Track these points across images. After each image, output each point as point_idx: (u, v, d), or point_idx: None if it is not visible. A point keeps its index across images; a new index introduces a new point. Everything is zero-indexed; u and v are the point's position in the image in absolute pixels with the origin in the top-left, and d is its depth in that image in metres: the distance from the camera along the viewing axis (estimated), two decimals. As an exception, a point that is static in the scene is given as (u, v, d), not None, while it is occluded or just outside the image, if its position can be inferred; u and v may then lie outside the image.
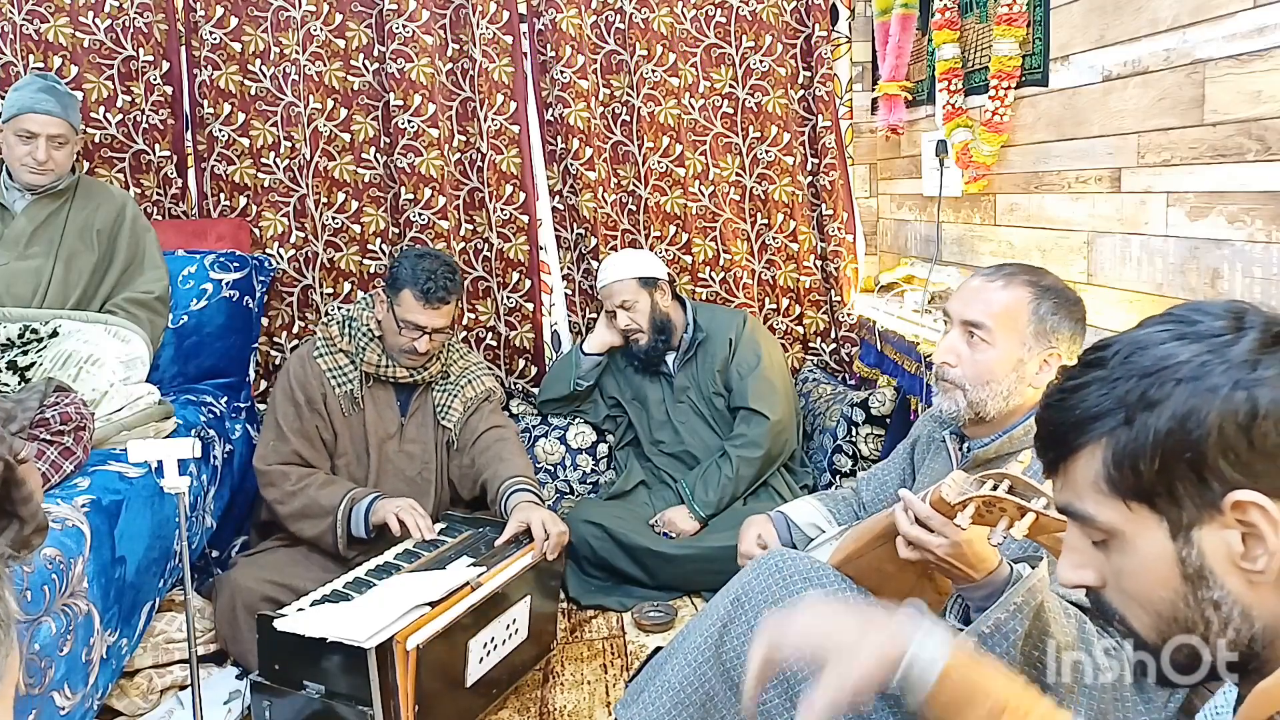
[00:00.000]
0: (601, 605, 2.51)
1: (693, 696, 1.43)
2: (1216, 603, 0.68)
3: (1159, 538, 0.69)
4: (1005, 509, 1.15)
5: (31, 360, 2.15)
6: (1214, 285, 1.76)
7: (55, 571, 1.58)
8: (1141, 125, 1.93)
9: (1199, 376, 0.67)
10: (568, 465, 2.99)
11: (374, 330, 2.39)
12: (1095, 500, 0.71)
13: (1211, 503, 0.66)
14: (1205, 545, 0.67)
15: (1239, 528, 0.66)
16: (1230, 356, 0.67)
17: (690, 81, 3.18)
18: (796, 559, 1.48)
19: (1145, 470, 0.68)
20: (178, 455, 1.75)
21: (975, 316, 1.51)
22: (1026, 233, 2.41)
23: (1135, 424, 0.68)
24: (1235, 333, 0.68)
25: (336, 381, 2.38)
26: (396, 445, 2.44)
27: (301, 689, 1.75)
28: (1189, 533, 0.68)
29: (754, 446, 2.71)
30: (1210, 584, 0.68)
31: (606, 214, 3.15)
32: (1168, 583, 0.69)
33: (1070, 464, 0.73)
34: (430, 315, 2.29)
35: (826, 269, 3.31)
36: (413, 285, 2.28)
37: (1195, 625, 0.69)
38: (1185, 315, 0.71)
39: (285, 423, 2.34)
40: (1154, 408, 0.67)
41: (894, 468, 1.85)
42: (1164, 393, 0.67)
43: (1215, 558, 0.67)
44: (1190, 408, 0.66)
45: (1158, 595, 0.70)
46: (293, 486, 2.27)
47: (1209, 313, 0.70)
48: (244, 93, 2.94)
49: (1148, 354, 0.69)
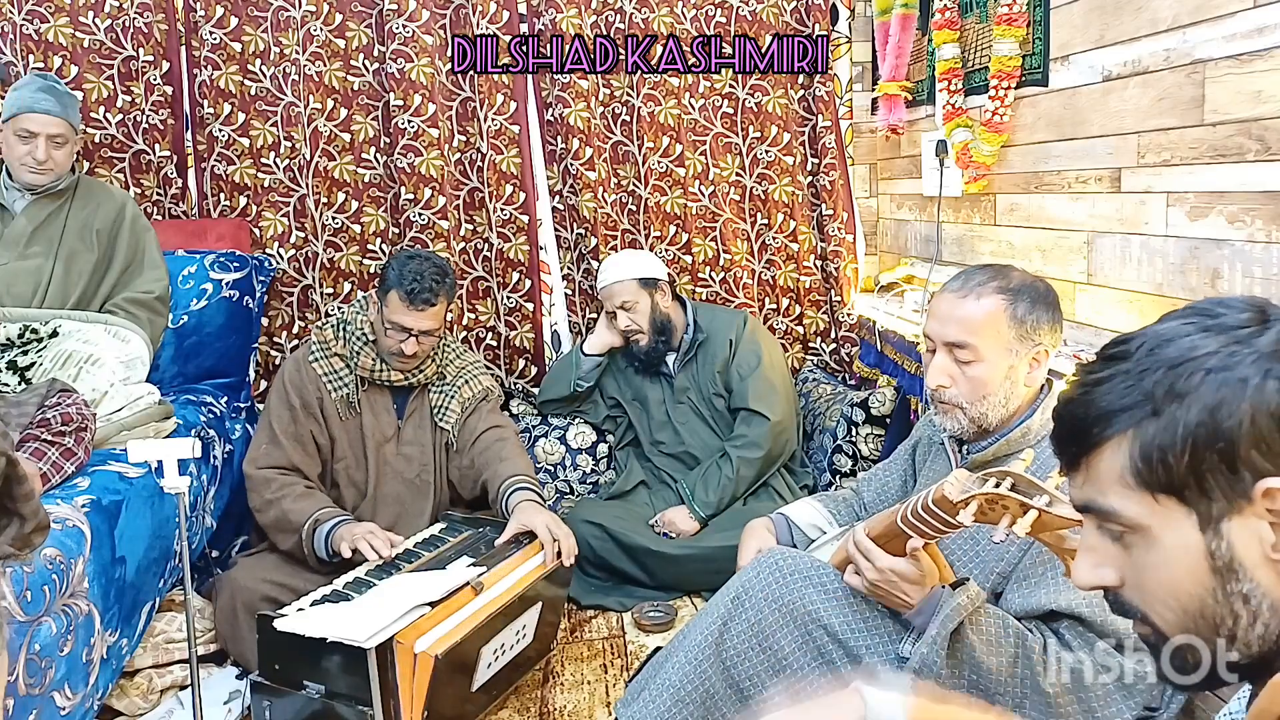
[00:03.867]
0: (601, 605, 2.52)
1: (693, 695, 1.43)
2: (1246, 596, 0.67)
3: (1187, 531, 0.68)
4: (1008, 507, 1.15)
5: (31, 360, 2.15)
6: (1214, 285, 1.76)
7: (56, 571, 1.58)
8: (1141, 125, 1.93)
9: (1228, 367, 0.66)
10: (568, 465, 2.99)
11: (368, 334, 2.37)
12: (1121, 495, 0.70)
13: (1242, 493, 0.66)
14: (1235, 537, 0.67)
15: (1269, 517, 0.66)
16: (1258, 346, 0.67)
17: (690, 81, 3.18)
18: (796, 558, 1.48)
19: (1175, 462, 0.67)
20: (178, 455, 1.74)
21: (956, 337, 1.50)
22: (1026, 233, 2.41)
23: (1164, 416, 0.67)
24: (1260, 325, 0.68)
25: (332, 385, 2.36)
26: (395, 448, 2.43)
27: (301, 689, 1.75)
28: (1218, 525, 0.67)
29: (754, 447, 2.71)
30: (1240, 577, 0.67)
31: (606, 214, 3.15)
32: (1196, 577, 0.68)
33: (1094, 459, 0.72)
34: (416, 317, 2.27)
35: (826, 269, 3.32)
36: (399, 287, 2.26)
37: (1224, 620, 0.68)
38: (1208, 309, 0.71)
39: (279, 426, 2.32)
40: (1183, 399, 0.67)
41: (896, 469, 1.85)
42: (1192, 384, 0.67)
43: (1245, 550, 0.67)
44: (1221, 398, 0.65)
45: (1185, 590, 0.69)
46: (271, 495, 2.24)
47: (1232, 306, 0.70)
48: (244, 93, 2.94)
49: (1173, 346, 0.69)
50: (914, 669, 1.30)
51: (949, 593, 1.34)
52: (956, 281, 1.55)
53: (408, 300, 2.25)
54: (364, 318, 2.39)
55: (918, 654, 1.31)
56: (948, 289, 1.56)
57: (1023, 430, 1.50)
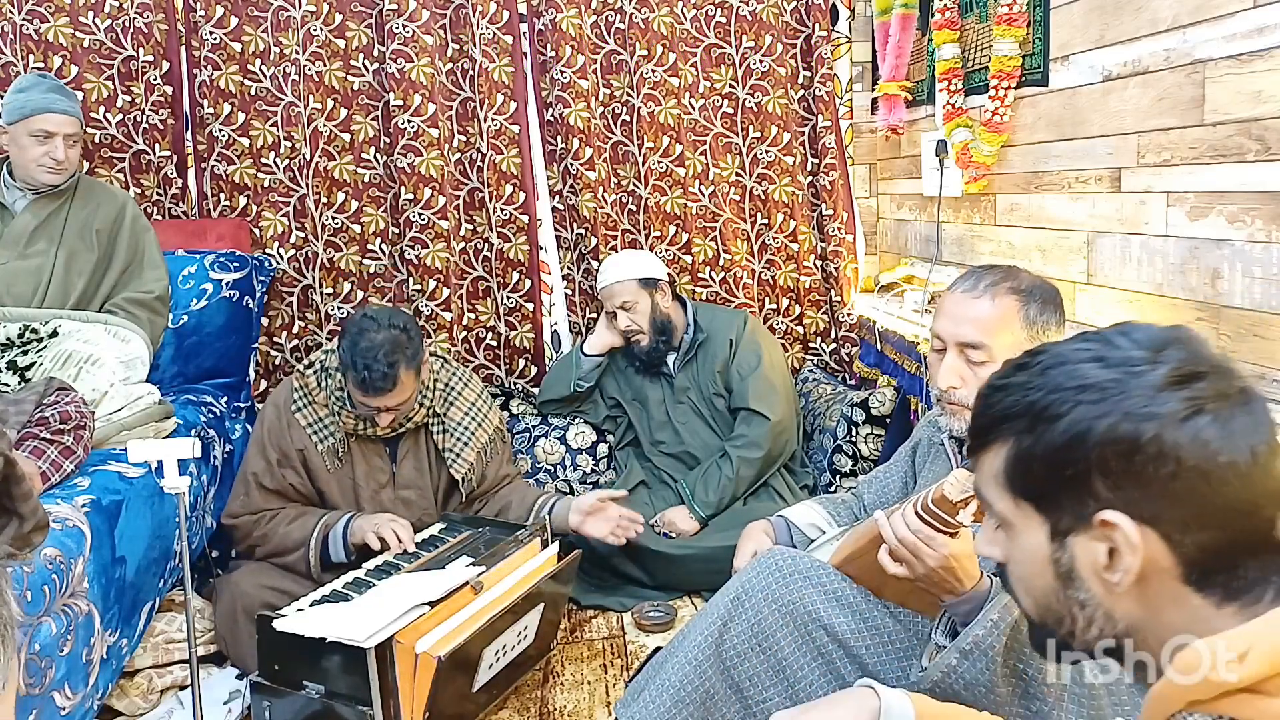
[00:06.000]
0: (601, 605, 2.51)
1: (693, 695, 1.43)
2: (1082, 602, 0.74)
3: (1039, 536, 0.76)
4: None
5: (31, 360, 2.15)
6: (1214, 285, 1.76)
7: (55, 571, 1.58)
8: (1141, 125, 1.93)
9: (1100, 400, 0.71)
10: (568, 465, 2.99)
11: (346, 395, 2.22)
12: (995, 491, 0.79)
13: (1085, 516, 0.72)
14: (1077, 551, 0.73)
15: (1106, 542, 0.71)
16: (1132, 388, 0.71)
17: (690, 81, 3.18)
18: (796, 558, 1.48)
19: (1035, 475, 0.75)
20: (178, 455, 1.74)
21: (971, 337, 1.49)
22: (1026, 233, 2.41)
23: (1036, 432, 0.74)
24: (1149, 365, 0.72)
25: (318, 437, 2.24)
26: (391, 494, 2.31)
27: (301, 689, 1.75)
28: (1065, 538, 0.74)
29: (754, 447, 2.71)
30: (1077, 586, 0.74)
31: (606, 214, 3.15)
32: (1043, 577, 0.76)
33: (982, 455, 0.80)
34: (376, 400, 2.12)
35: (826, 269, 3.31)
36: (352, 372, 2.10)
37: (1063, 619, 0.76)
38: (1111, 338, 0.76)
39: (256, 478, 2.23)
40: (1054, 421, 0.73)
41: (896, 471, 1.85)
42: (1065, 409, 0.73)
43: (1083, 564, 0.73)
44: (1082, 429, 0.71)
45: (1035, 585, 0.78)
46: (261, 531, 2.19)
47: (1135, 340, 0.74)
48: (244, 93, 2.95)
49: (1063, 370, 0.75)
50: (962, 650, 1.23)
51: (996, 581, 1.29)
52: (967, 281, 1.54)
53: (360, 389, 2.10)
54: (341, 377, 2.21)
55: (970, 635, 1.24)
56: (959, 288, 1.54)
57: None
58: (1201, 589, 0.70)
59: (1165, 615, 0.71)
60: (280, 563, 2.21)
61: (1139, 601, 0.72)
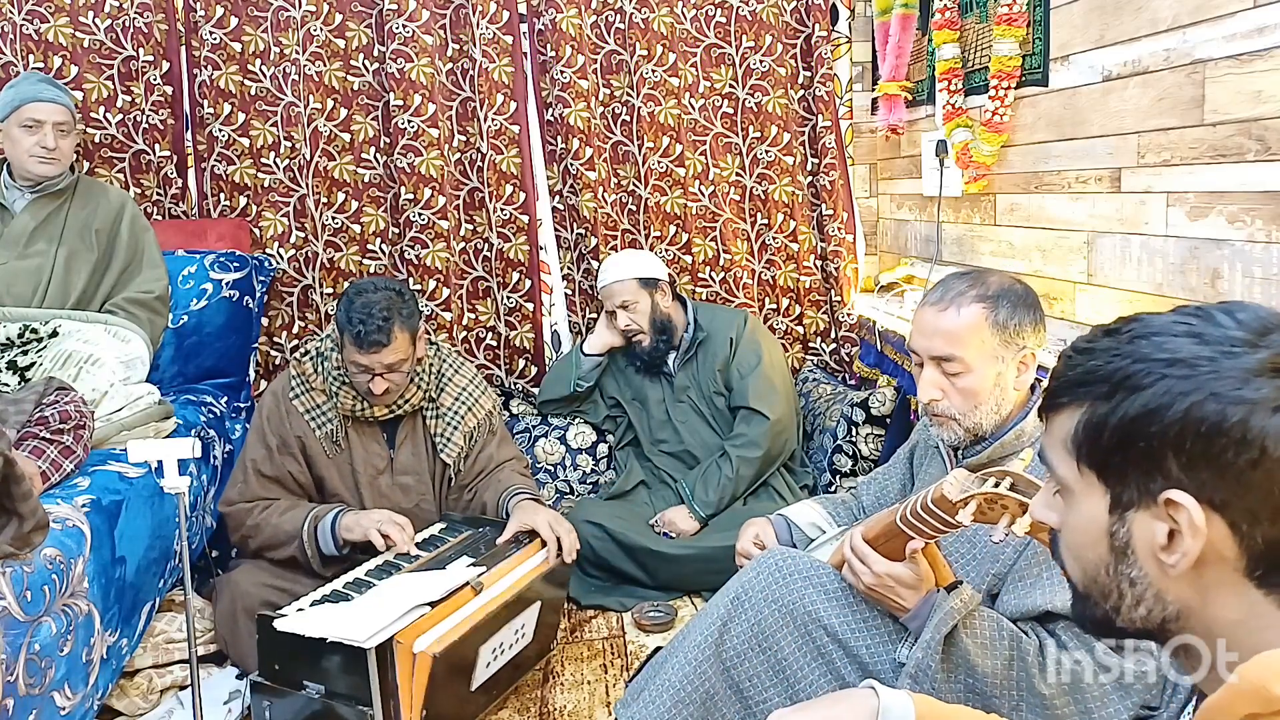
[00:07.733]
0: (601, 605, 2.51)
1: (693, 695, 1.43)
2: (1133, 580, 0.73)
3: (1099, 506, 0.74)
4: (1007, 506, 1.15)
5: (31, 360, 2.15)
6: (1214, 285, 1.76)
7: (55, 571, 1.58)
8: (1141, 125, 1.93)
9: (1188, 377, 0.68)
10: (568, 465, 2.99)
11: (343, 373, 2.23)
12: (1059, 455, 0.77)
13: (1152, 493, 0.70)
14: (1135, 527, 0.72)
15: (1168, 522, 0.69)
16: (1225, 368, 0.68)
17: (690, 81, 3.18)
18: (796, 558, 1.48)
19: (1105, 444, 0.72)
20: (178, 455, 1.74)
21: (941, 351, 1.50)
22: (1026, 233, 2.41)
23: (1114, 400, 0.71)
24: (1249, 348, 0.68)
25: (316, 423, 2.25)
26: (389, 480, 2.31)
27: (301, 689, 1.75)
28: (1125, 512, 0.72)
29: (754, 446, 2.71)
30: (1130, 562, 0.72)
31: (606, 214, 3.15)
32: (1096, 548, 0.75)
33: (1054, 416, 0.78)
34: (371, 357, 2.12)
35: (826, 269, 3.32)
36: (348, 329, 2.12)
37: (1111, 593, 0.74)
38: (1214, 314, 0.72)
39: (254, 465, 2.23)
40: (1136, 392, 0.70)
41: (895, 472, 1.85)
42: (1149, 382, 0.70)
43: (1140, 541, 0.71)
44: (1164, 403, 0.68)
45: (1086, 555, 0.76)
46: (254, 520, 2.19)
47: (1239, 320, 0.71)
48: (244, 93, 2.95)
49: (1152, 341, 0.72)
50: (910, 674, 1.30)
51: (943, 596, 1.34)
52: (935, 293, 1.54)
53: (356, 344, 2.11)
54: (337, 355, 2.24)
55: (913, 659, 1.31)
56: (927, 302, 1.55)
57: (1016, 433, 1.50)
58: (1263, 585, 0.68)
59: (1220, 606, 0.69)
60: (278, 556, 2.20)
61: (1193, 587, 0.70)
